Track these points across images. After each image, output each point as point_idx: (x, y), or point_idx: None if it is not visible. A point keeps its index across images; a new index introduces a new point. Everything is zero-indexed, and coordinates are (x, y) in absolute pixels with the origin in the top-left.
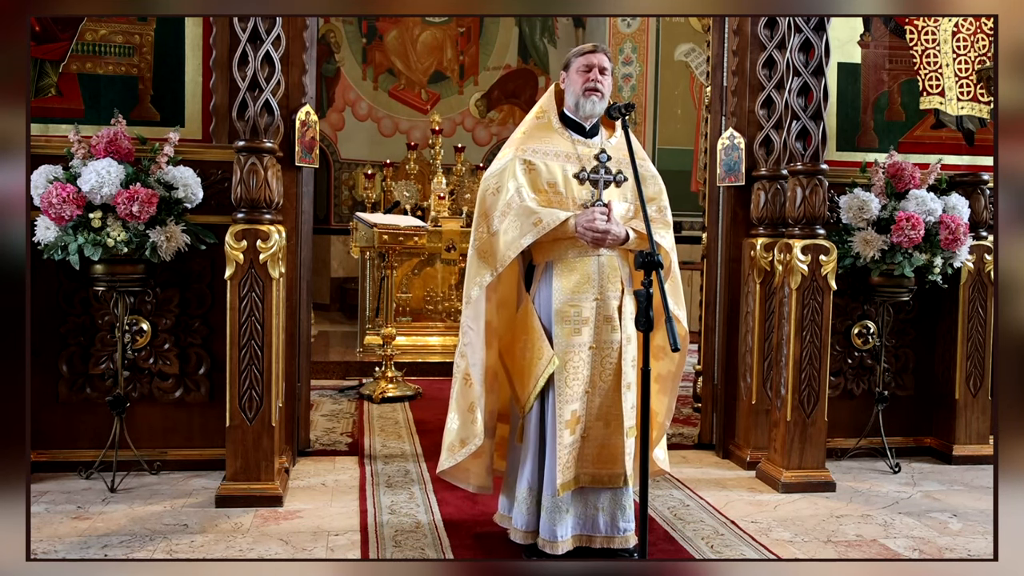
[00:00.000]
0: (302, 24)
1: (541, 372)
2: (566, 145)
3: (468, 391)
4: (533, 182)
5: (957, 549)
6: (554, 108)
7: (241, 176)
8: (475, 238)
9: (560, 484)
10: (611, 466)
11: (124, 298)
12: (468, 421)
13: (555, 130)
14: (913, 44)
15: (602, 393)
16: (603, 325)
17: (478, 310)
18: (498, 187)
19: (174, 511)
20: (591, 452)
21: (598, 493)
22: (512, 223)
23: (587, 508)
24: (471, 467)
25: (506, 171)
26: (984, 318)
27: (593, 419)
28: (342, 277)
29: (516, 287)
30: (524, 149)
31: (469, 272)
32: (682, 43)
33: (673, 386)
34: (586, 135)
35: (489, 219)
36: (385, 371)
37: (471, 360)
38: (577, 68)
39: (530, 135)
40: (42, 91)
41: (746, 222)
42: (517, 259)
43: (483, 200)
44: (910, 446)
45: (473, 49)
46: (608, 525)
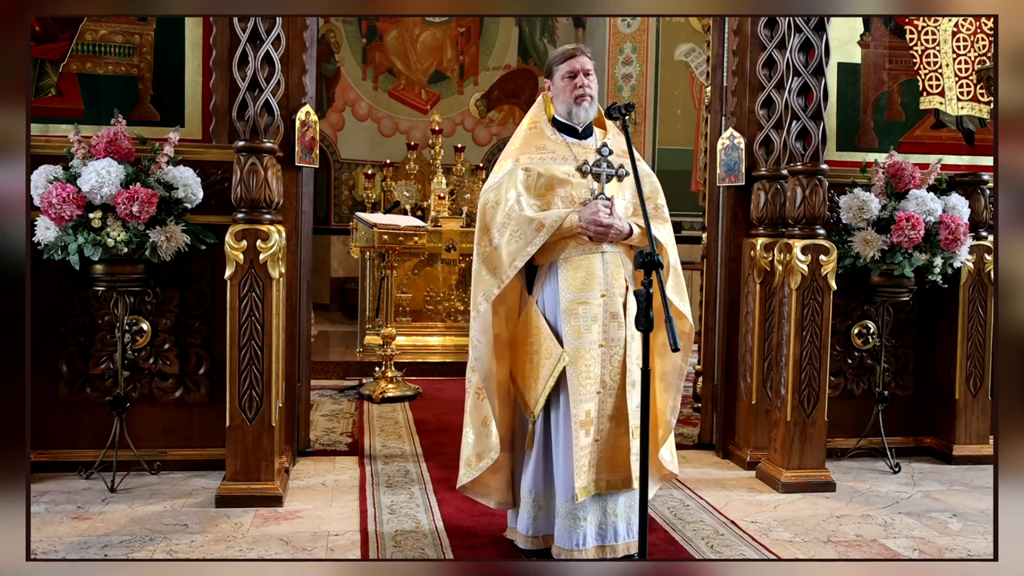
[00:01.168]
0: (302, 24)
1: (550, 372)
2: (562, 149)
3: (481, 405)
4: (535, 187)
5: (957, 549)
6: (544, 116)
7: (241, 176)
8: (478, 252)
9: (579, 488)
10: (623, 469)
11: (124, 298)
12: (483, 435)
13: (549, 137)
14: (913, 44)
15: (612, 393)
16: (610, 322)
17: (486, 323)
18: (497, 200)
19: (174, 511)
20: (606, 456)
21: (616, 499)
22: (514, 233)
23: (606, 516)
24: (491, 482)
25: (504, 183)
26: (984, 318)
27: (606, 420)
28: (342, 277)
29: (519, 296)
30: (521, 157)
31: (475, 286)
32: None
33: (677, 383)
34: (580, 137)
35: (491, 232)
36: (385, 371)
37: (482, 374)
38: (561, 75)
39: (526, 143)
40: (42, 91)
41: (746, 222)
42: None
43: (483, 213)
44: (910, 446)
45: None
46: (628, 530)
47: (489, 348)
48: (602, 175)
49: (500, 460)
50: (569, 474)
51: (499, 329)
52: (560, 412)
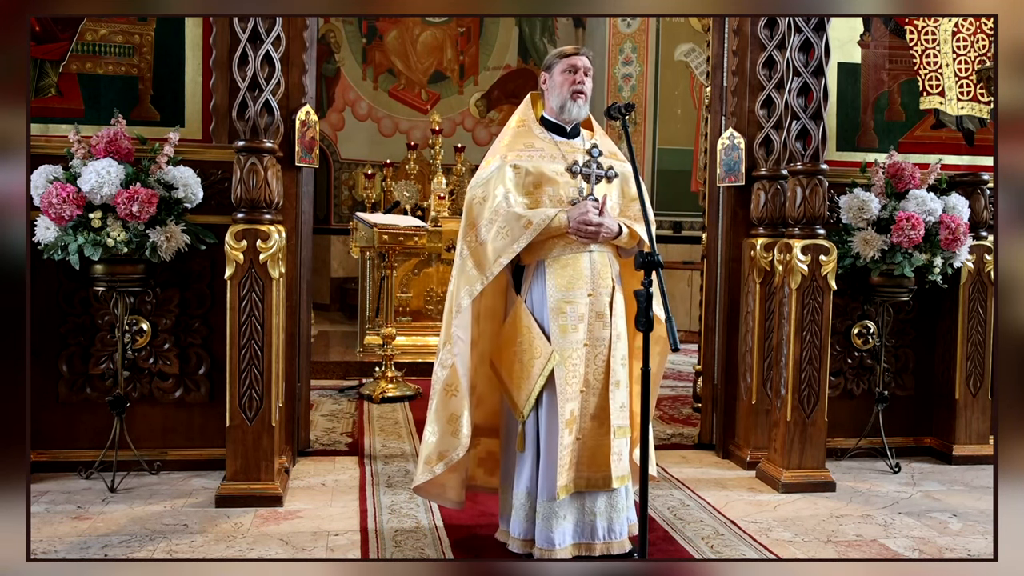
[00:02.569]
0: (302, 24)
1: (540, 371)
2: (551, 147)
3: (450, 402)
4: (523, 185)
5: (957, 549)
6: (532, 115)
7: (241, 176)
8: (463, 247)
9: (560, 486)
10: (603, 468)
11: (124, 298)
12: (448, 433)
13: (537, 135)
14: (913, 44)
15: (595, 392)
16: (595, 322)
17: (467, 319)
18: (484, 196)
19: (174, 511)
20: (586, 454)
21: (594, 497)
22: (501, 230)
23: (584, 514)
24: (447, 481)
25: (492, 179)
26: (984, 318)
27: (588, 419)
28: (342, 277)
29: (503, 295)
30: (510, 155)
31: (458, 282)
32: (682, 43)
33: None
34: (568, 136)
35: (477, 228)
36: (385, 371)
37: (460, 370)
38: (562, 69)
39: (514, 141)
40: (42, 91)
41: (746, 222)
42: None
43: (470, 209)
44: (910, 446)
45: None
46: (606, 531)
47: (468, 344)
48: (591, 175)
49: (461, 459)
50: (552, 473)
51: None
52: (545, 411)
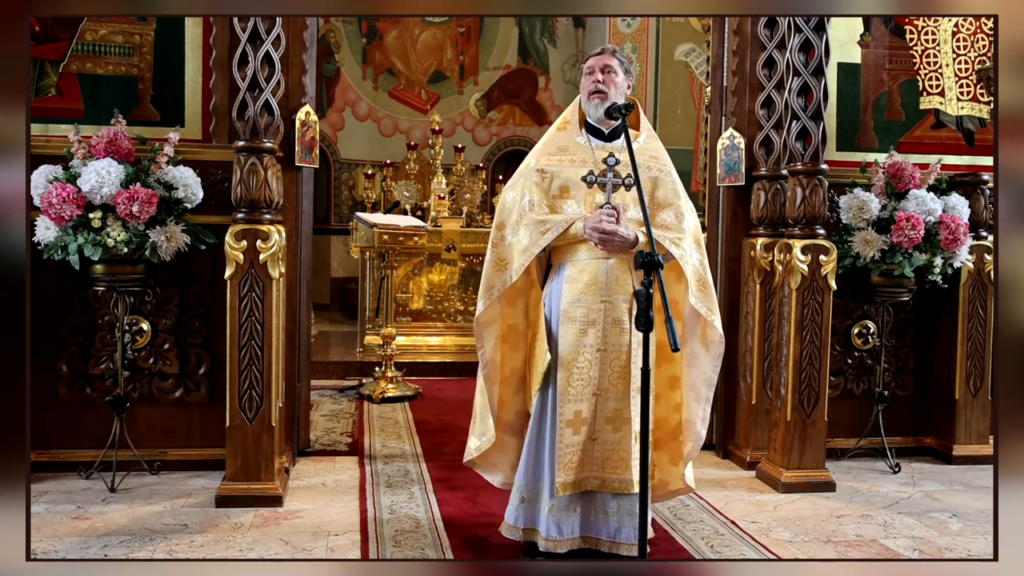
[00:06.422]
0: (302, 24)
1: (540, 370)
2: (585, 152)
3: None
4: (548, 190)
5: (957, 549)
6: (576, 118)
7: (241, 176)
8: (492, 244)
9: (560, 483)
10: (621, 471)
11: (124, 298)
12: (484, 417)
13: (576, 139)
14: (913, 44)
15: (611, 396)
16: (611, 328)
17: (491, 315)
18: (513, 198)
19: (174, 511)
20: (600, 456)
21: (607, 498)
22: (524, 233)
23: (596, 512)
24: (498, 461)
25: (520, 182)
26: (984, 318)
27: (603, 423)
28: (342, 277)
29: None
30: (541, 159)
31: (484, 279)
32: (682, 43)
33: (708, 394)
34: (606, 139)
35: (504, 229)
36: (385, 371)
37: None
38: (584, 73)
39: (548, 144)
40: (42, 91)
41: (746, 222)
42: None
43: (501, 210)
44: (910, 446)
45: (473, 49)
46: (616, 531)
47: (493, 338)
48: (608, 184)
49: (508, 442)
50: (552, 470)
51: (517, 320)
52: (548, 410)
